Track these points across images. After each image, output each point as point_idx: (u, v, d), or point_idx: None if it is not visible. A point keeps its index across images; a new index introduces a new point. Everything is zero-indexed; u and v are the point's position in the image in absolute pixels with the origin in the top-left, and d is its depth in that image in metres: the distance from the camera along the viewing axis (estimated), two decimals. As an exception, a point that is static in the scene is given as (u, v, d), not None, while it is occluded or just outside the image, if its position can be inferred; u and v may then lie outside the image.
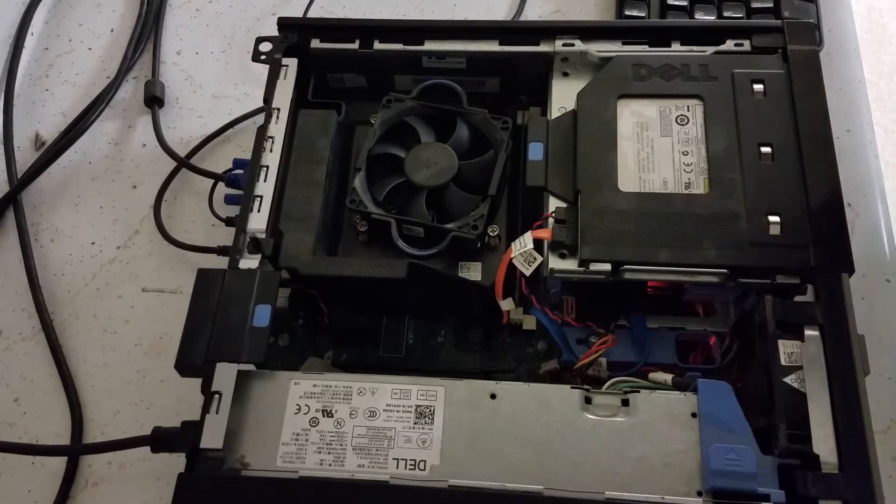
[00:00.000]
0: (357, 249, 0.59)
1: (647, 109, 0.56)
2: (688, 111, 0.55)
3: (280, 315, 0.58)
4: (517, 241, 0.53)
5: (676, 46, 0.59)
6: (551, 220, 0.52)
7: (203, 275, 0.52)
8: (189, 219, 0.71)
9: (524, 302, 0.55)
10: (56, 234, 0.72)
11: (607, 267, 0.50)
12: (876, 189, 0.68)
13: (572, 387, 0.48)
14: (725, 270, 0.49)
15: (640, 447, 0.45)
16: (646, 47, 0.59)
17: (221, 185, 0.68)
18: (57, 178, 0.75)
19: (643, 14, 0.75)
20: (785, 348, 0.47)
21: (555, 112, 0.57)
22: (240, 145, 0.75)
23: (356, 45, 0.62)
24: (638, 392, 0.48)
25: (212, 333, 0.50)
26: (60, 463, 0.61)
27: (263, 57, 0.63)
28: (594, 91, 0.57)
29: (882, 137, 0.72)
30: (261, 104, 0.62)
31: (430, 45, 0.61)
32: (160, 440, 0.49)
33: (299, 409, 0.48)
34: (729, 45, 0.58)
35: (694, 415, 0.46)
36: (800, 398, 0.45)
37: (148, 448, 0.50)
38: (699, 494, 0.44)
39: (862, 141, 0.70)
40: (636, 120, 0.55)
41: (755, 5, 0.74)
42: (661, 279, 0.50)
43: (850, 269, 0.49)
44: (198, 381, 0.49)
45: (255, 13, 0.83)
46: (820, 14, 0.74)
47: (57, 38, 0.83)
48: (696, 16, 0.74)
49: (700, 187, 0.52)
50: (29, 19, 0.83)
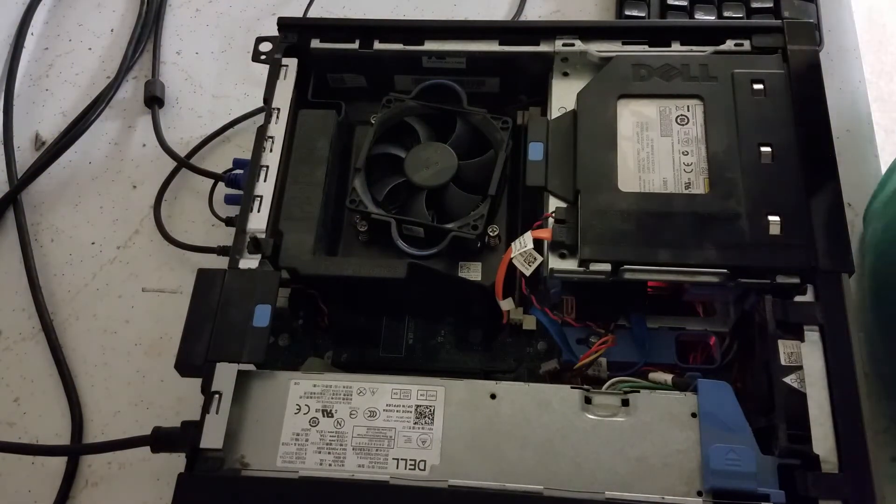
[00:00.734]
0: (357, 249, 0.59)
1: (647, 109, 0.56)
2: (688, 111, 0.55)
3: (280, 315, 0.58)
4: (517, 241, 0.53)
5: (676, 46, 0.59)
6: (551, 220, 0.52)
7: (203, 275, 0.52)
8: (189, 219, 0.71)
9: (524, 302, 0.55)
10: (56, 234, 0.72)
11: (607, 267, 0.50)
12: (876, 189, 0.68)
13: (572, 387, 0.48)
14: (725, 270, 0.49)
15: (640, 447, 0.45)
16: (646, 47, 0.59)
17: (221, 185, 0.68)
18: (57, 178, 0.75)
19: (643, 14, 0.75)
20: (785, 348, 0.47)
21: (555, 112, 0.57)
22: (240, 145, 0.75)
23: (356, 45, 0.62)
24: (638, 392, 0.48)
25: (212, 333, 0.50)
26: (60, 463, 0.61)
27: (263, 57, 0.63)
28: (594, 91, 0.57)
29: (882, 137, 0.72)
30: (261, 104, 0.62)
31: (430, 45, 0.61)
32: (160, 440, 0.49)
33: (299, 409, 0.48)
34: (729, 45, 0.58)
35: (694, 415, 0.46)
36: (800, 398, 0.45)
37: (148, 448, 0.50)
38: (699, 494, 0.44)
39: (862, 141, 0.70)
40: (636, 120, 0.55)
41: (755, 5, 0.74)
42: (661, 279, 0.50)
43: (850, 269, 0.49)
44: (198, 381, 0.49)
45: (255, 13, 0.83)
46: (820, 14, 0.74)
47: (57, 38, 0.83)
48: (696, 16, 0.74)
49: (700, 187, 0.52)
50: (29, 19, 0.83)
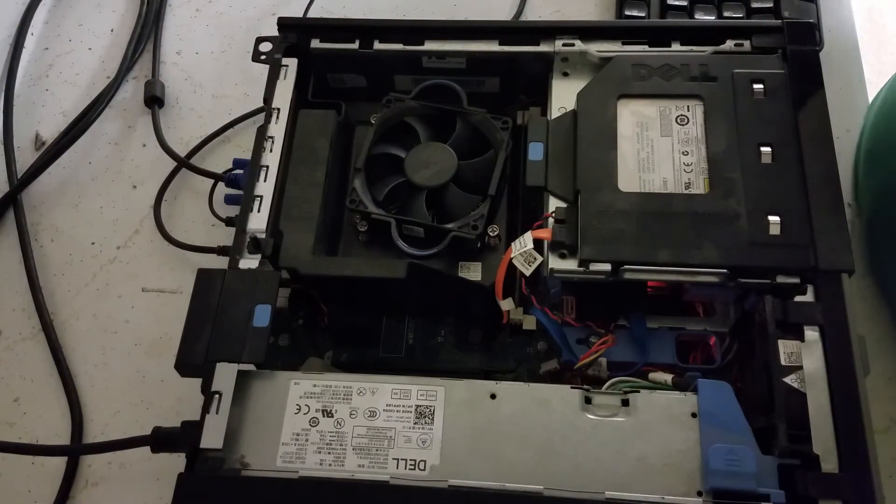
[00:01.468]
0: (357, 249, 0.59)
1: (647, 109, 0.56)
2: (688, 111, 0.55)
3: (280, 315, 0.58)
4: (517, 241, 0.53)
5: (676, 46, 0.59)
6: (551, 220, 0.52)
7: (203, 275, 0.52)
8: (189, 219, 0.71)
9: (524, 302, 0.55)
10: (56, 234, 0.72)
11: (607, 267, 0.50)
12: (876, 189, 0.68)
13: (572, 387, 0.48)
14: (725, 270, 0.49)
15: (640, 447, 0.45)
16: (646, 47, 0.59)
17: (221, 185, 0.68)
18: (57, 178, 0.75)
19: (643, 14, 0.75)
20: (785, 348, 0.47)
21: (555, 112, 0.57)
22: (240, 145, 0.75)
23: (356, 45, 0.62)
24: (638, 392, 0.48)
25: (212, 333, 0.50)
26: (60, 463, 0.61)
27: (263, 57, 0.63)
28: (594, 91, 0.57)
29: (882, 137, 0.72)
30: (261, 104, 0.62)
31: (430, 45, 0.61)
32: (160, 440, 0.49)
33: (299, 409, 0.48)
34: (729, 45, 0.58)
35: (694, 415, 0.46)
36: (800, 398, 0.45)
37: (148, 448, 0.50)
38: (699, 494, 0.44)
39: (862, 141, 0.70)
40: (636, 120, 0.55)
41: (755, 5, 0.74)
42: (661, 279, 0.50)
43: (850, 269, 0.49)
44: (198, 381, 0.49)
45: (255, 13, 0.83)
46: (820, 14, 0.74)
47: (57, 38, 0.83)
48: (696, 16, 0.74)
49: (700, 187, 0.52)
50: (29, 19, 0.83)
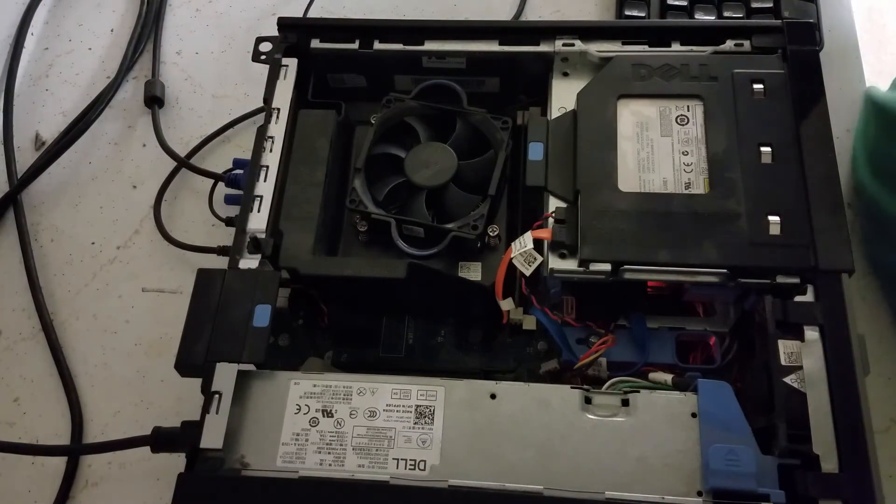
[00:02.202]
0: (357, 249, 0.59)
1: (647, 109, 0.56)
2: (688, 111, 0.55)
3: (280, 315, 0.58)
4: (517, 241, 0.53)
5: (676, 46, 0.59)
6: (551, 220, 0.52)
7: (203, 275, 0.52)
8: (189, 219, 0.71)
9: (524, 302, 0.55)
10: (56, 234, 0.72)
11: (607, 267, 0.50)
12: (876, 189, 0.68)
13: (572, 387, 0.48)
14: (725, 270, 0.49)
15: (640, 447, 0.45)
16: (646, 47, 0.59)
17: (221, 185, 0.68)
18: (57, 178, 0.75)
19: (643, 14, 0.75)
20: (785, 348, 0.47)
21: (555, 112, 0.57)
22: (240, 145, 0.75)
23: (356, 45, 0.62)
24: (638, 392, 0.48)
25: (212, 333, 0.50)
26: (60, 463, 0.61)
27: (263, 57, 0.63)
28: (594, 91, 0.57)
29: (882, 137, 0.72)
30: (261, 104, 0.62)
31: (430, 45, 0.61)
32: (160, 440, 0.49)
33: (299, 409, 0.48)
34: (729, 45, 0.58)
35: (694, 415, 0.46)
36: (800, 398, 0.45)
37: (148, 448, 0.50)
38: (699, 494, 0.44)
39: (862, 141, 0.70)
40: (636, 120, 0.55)
41: (755, 5, 0.74)
42: (661, 279, 0.50)
43: (850, 269, 0.49)
44: (198, 381, 0.49)
45: (255, 13, 0.83)
46: (820, 14, 0.74)
47: (57, 38, 0.83)
48: (696, 16, 0.74)
49: (700, 187, 0.52)
50: (29, 19, 0.83)
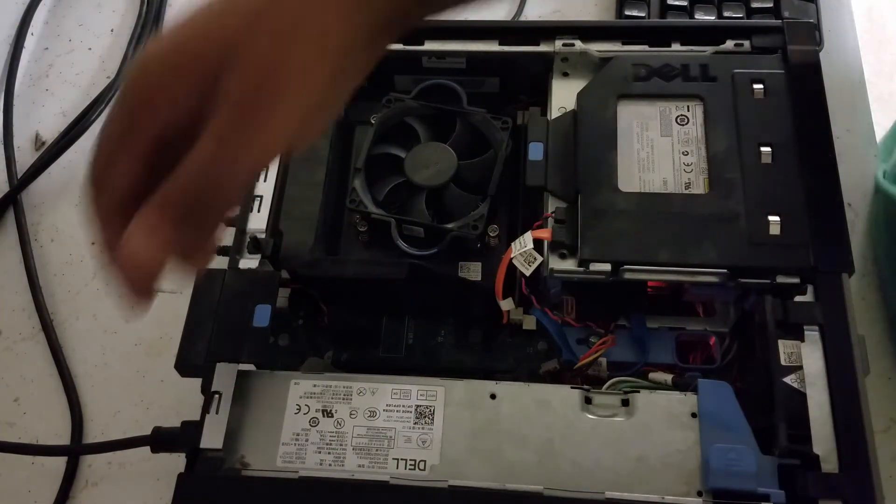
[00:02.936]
0: (357, 249, 0.59)
1: (647, 109, 0.56)
2: (688, 111, 0.55)
3: (280, 315, 0.58)
4: (517, 241, 0.53)
5: (676, 46, 0.59)
6: (551, 220, 0.52)
7: (203, 275, 0.52)
8: (189, 219, 0.71)
9: (524, 302, 0.55)
10: (56, 234, 0.72)
11: (607, 267, 0.50)
12: (876, 189, 0.68)
13: (572, 387, 0.48)
14: (725, 270, 0.49)
15: (640, 447, 0.45)
16: (646, 47, 0.59)
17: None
18: (57, 178, 0.75)
19: (643, 14, 0.75)
20: (785, 348, 0.47)
21: (555, 112, 0.57)
22: (240, 145, 0.75)
23: (356, 45, 0.62)
24: (638, 392, 0.48)
25: (212, 333, 0.50)
26: (60, 463, 0.61)
27: (263, 57, 0.63)
28: (594, 91, 0.57)
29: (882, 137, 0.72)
30: (261, 104, 0.62)
31: (430, 45, 0.61)
32: (160, 440, 0.49)
33: (299, 409, 0.48)
34: (729, 45, 0.58)
35: (694, 415, 0.46)
36: (800, 398, 0.45)
37: (148, 448, 0.50)
38: (699, 494, 0.44)
39: (862, 141, 0.70)
40: (636, 120, 0.55)
41: (755, 5, 0.74)
42: (661, 279, 0.50)
43: (850, 269, 0.49)
44: (198, 381, 0.49)
45: (255, 13, 0.83)
46: (820, 14, 0.74)
47: (57, 38, 0.83)
48: (696, 16, 0.74)
49: (700, 187, 0.52)
50: (29, 19, 0.83)
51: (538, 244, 0.52)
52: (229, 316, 0.50)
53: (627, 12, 0.75)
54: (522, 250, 0.52)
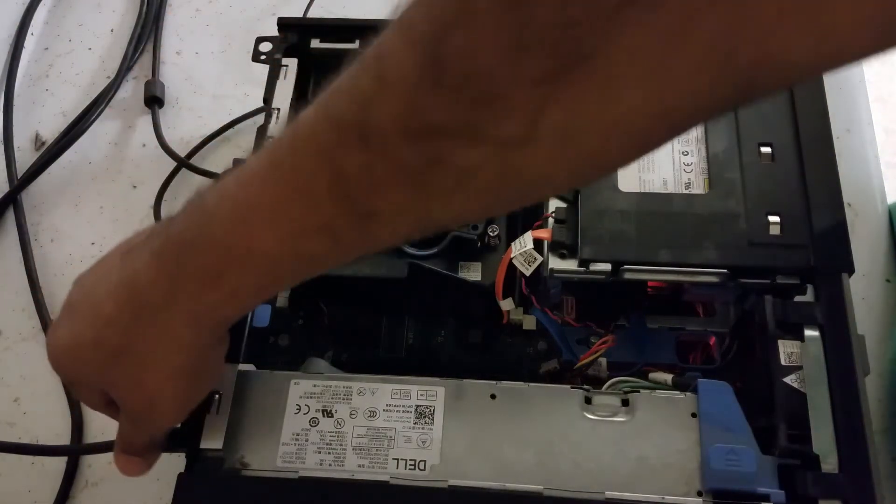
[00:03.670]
0: (357, 249, 0.58)
1: (647, 109, 0.55)
2: (688, 111, 0.55)
3: (280, 315, 0.58)
4: (517, 241, 0.53)
5: (676, 46, 0.59)
6: (551, 220, 0.52)
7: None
8: (189, 219, 0.71)
9: (524, 302, 0.55)
10: (56, 234, 0.72)
11: (607, 267, 0.50)
12: (876, 189, 0.68)
13: (572, 387, 0.48)
14: (725, 270, 0.49)
15: (640, 447, 0.45)
16: (646, 47, 0.59)
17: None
18: (57, 178, 0.75)
19: (643, 14, 0.75)
20: (785, 348, 0.47)
21: (555, 112, 0.57)
22: (240, 145, 0.75)
23: (356, 45, 0.62)
24: (638, 392, 0.48)
25: (212, 333, 0.50)
26: (60, 463, 0.61)
27: (263, 57, 0.63)
28: (594, 91, 0.56)
29: (882, 137, 0.72)
30: (261, 104, 0.62)
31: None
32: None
33: (299, 409, 0.48)
34: (729, 45, 0.58)
35: (694, 415, 0.46)
36: (800, 398, 0.45)
37: (148, 448, 0.50)
38: (699, 494, 0.44)
39: (862, 141, 0.70)
40: (636, 120, 0.55)
41: (755, 5, 0.74)
42: (661, 279, 0.50)
43: (850, 269, 0.49)
44: (198, 381, 0.49)
45: (255, 13, 0.83)
46: (820, 14, 0.74)
47: (57, 38, 0.83)
48: (696, 16, 0.74)
49: (700, 187, 0.52)
50: (29, 19, 0.83)
51: (538, 244, 0.52)
52: (229, 316, 0.50)
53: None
54: (522, 250, 0.52)
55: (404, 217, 0.33)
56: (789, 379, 0.46)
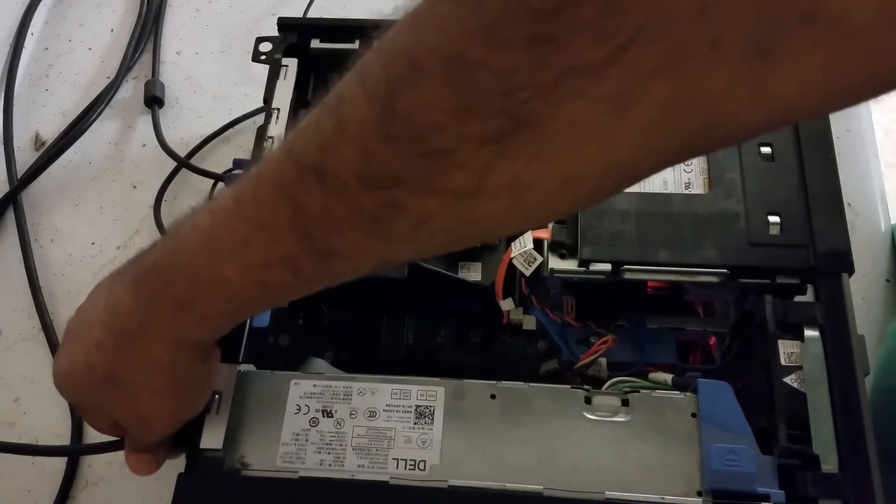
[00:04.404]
0: (357, 249, 0.58)
1: (647, 109, 0.55)
2: (688, 111, 0.55)
3: (280, 315, 0.58)
4: (517, 241, 0.53)
5: (676, 46, 0.59)
6: (551, 220, 0.52)
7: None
8: (189, 219, 0.71)
9: (524, 302, 0.55)
10: (56, 234, 0.72)
11: (607, 267, 0.50)
12: (876, 189, 0.68)
13: (572, 387, 0.48)
14: (725, 270, 0.49)
15: (640, 447, 0.45)
16: (646, 47, 0.59)
17: (221, 185, 0.68)
18: (57, 178, 0.75)
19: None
20: (785, 348, 0.47)
21: (555, 112, 0.57)
22: (240, 145, 0.75)
23: (356, 45, 0.62)
24: (638, 392, 0.47)
25: (212, 333, 0.50)
26: (60, 463, 0.61)
27: (263, 57, 0.63)
28: (594, 91, 0.56)
29: (882, 137, 0.72)
30: (261, 104, 0.62)
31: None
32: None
33: (299, 410, 0.48)
34: (729, 45, 0.58)
35: (694, 415, 0.46)
36: (800, 398, 0.45)
37: (148, 449, 0.50)
38: (699, 494, 0.44)
39: (862, 141, 0.70)
40: (636, 120, 0.55)
41: (755, 5, 0.74)
42: (661, 279, 0.50)
43: (850, 270, 0.49)
44: (198, 382, 0.49)
45: (255, 13, 0.83)
46: (820, 14, 0.74)
47: (57, 38, 0.83)
48: (696, 16, 0.74)
49: (700, 187, 0.52)
50: (29, 19, 0.83)
51: (538, 244, 0.52)
52: (229, 316, 0.50)
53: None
54: (522, 250, 0.52)
55: (364, 256, 0.35)
56: (789, 379, 0.46)
